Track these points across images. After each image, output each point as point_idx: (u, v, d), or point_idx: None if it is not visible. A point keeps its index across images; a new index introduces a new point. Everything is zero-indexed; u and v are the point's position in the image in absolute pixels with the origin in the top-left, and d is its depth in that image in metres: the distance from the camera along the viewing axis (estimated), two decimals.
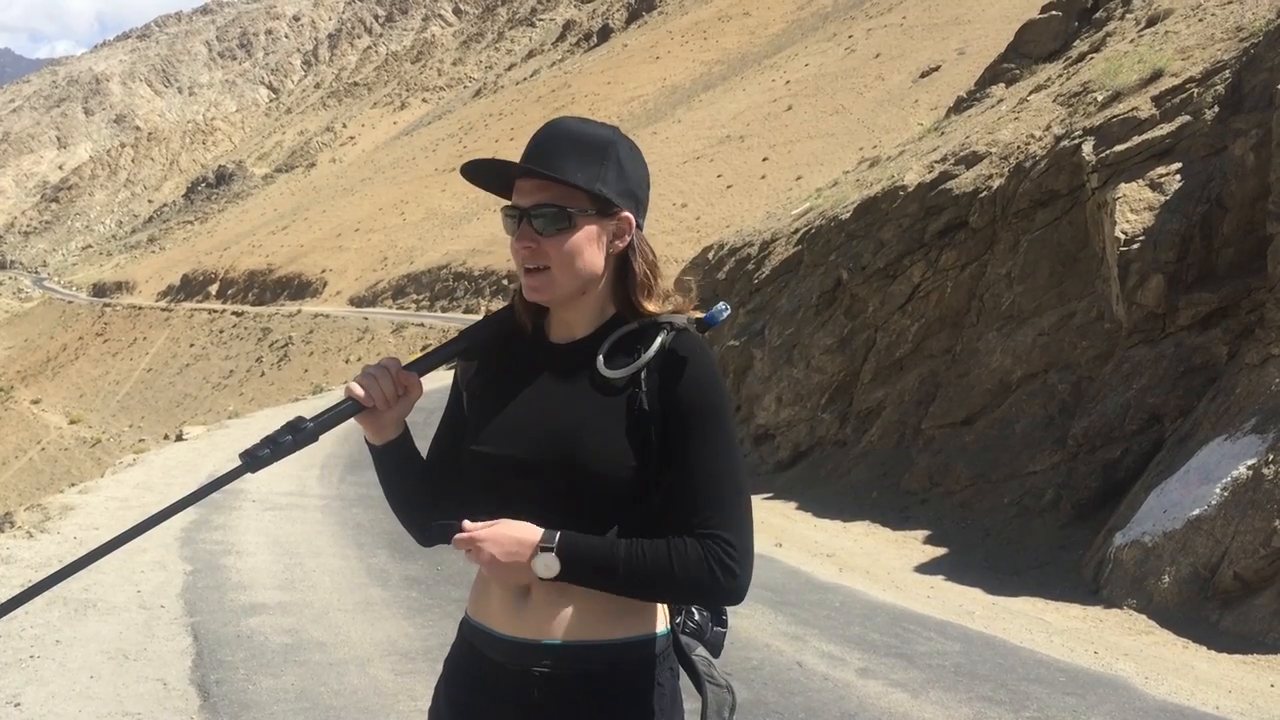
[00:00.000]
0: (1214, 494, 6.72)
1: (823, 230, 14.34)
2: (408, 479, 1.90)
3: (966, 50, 52.02)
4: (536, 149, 1.76)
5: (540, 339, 1.87)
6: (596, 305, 1.81)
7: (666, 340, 1.74)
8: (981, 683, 5.39)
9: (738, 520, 1.69)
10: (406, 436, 1.89)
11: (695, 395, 1.71)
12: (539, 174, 1.72)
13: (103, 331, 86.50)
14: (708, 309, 1.85)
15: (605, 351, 1.76)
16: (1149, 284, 8.50)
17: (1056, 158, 10.34)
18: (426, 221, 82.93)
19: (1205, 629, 6.32)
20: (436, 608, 6.65)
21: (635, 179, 1.80)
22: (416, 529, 1.94)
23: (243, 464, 1.70)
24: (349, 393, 1.80)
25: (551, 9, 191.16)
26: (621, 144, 1.79)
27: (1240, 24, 10.23)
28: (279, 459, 1.72)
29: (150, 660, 5.58)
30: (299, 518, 9.91)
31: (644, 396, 1.71)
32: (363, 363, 50.81)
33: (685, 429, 1.70)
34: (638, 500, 1.72)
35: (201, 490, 1.71)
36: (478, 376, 1.90)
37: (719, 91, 79.61)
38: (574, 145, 1.74)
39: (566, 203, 1.73)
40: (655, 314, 1.78)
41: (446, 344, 1.88)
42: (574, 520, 1.71)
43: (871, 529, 9.78)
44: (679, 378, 1.71)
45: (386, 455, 1.88)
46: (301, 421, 1.73)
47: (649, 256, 1.82)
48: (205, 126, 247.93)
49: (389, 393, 1.80)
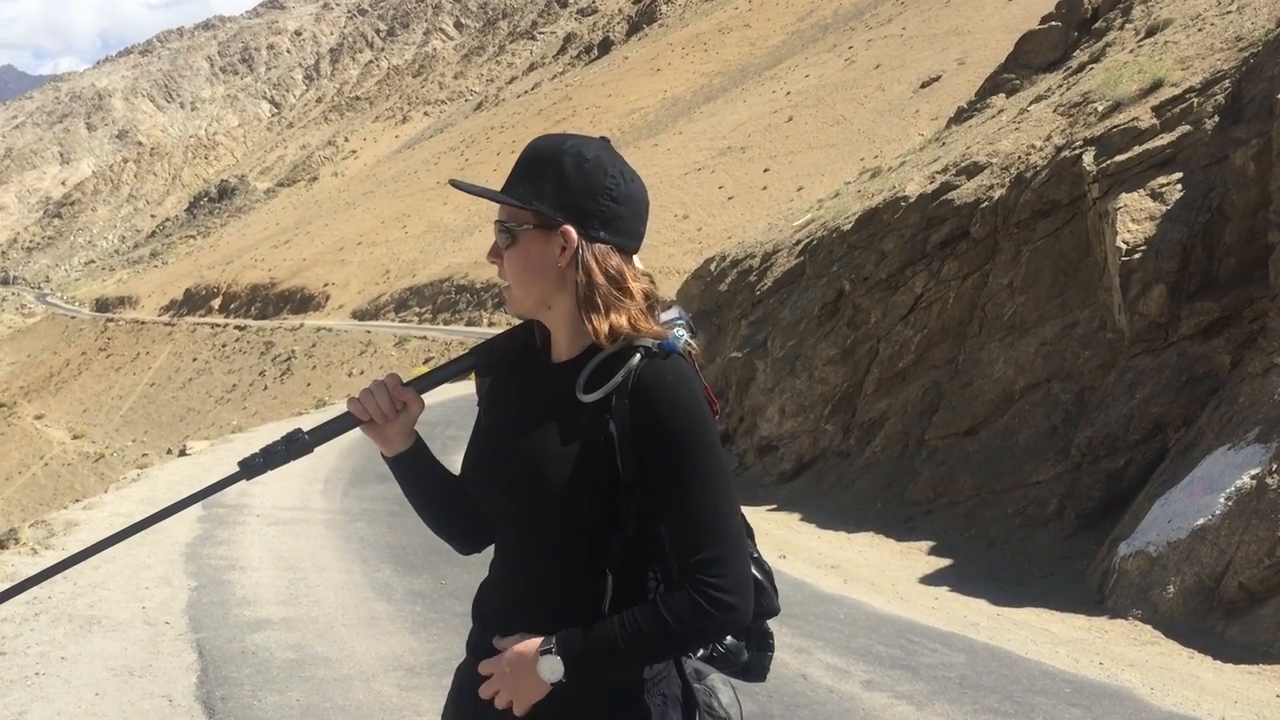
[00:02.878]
0: (1218, 503, 6.72)
1: (824, 241, 14.35)
2: (431, 489, 1.96)
3: (967, 60, 52.09)
4: (513, 168, 1.83)
5: (545, 356, 1.87)
6: (573, 322, 1.79)
7: (637, 366, 1.71)
8: (987, 694, 5.38)
9: (724, 551, 1.67)
10: (419, 448, 1.93)
11: (666, 424, 1.68)
12: (482, 194, 1.84)
13: (105, 346, 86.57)
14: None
15: (586, 375, 1.75)
16: (1151, 293, 8.51)
17: (1057, 168, 10.36)
18: (428, 234, 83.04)
19: (1211, 639, 6.31)
20: (441, 622, 6.65)
21: (579, 190, 1.73)
22: (453, 537, 2.00)
23: (239, 470, 1.78)
24: (347, 406, 1.88)
25: (552, 22, 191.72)
26: (568, 156, 1.75)
27: (1240, 33, 10.25)
28: (273, 467, 1.79)
29: (155, 677, 5.58)
30: (303, 532, 9.91)
31: (612, 422, 1.70)
32: (365, 376, 50.91)
33: (660, 460, 1.69)
34: (612, 526, 1.72)
35: (196, 495, 1.78)
36: (489, 394, 1.93)
37: (720, 103, 79.75)
38: (526, 162, 1.78)
39: (511, 218, 1.77)
40: (607, 336, 1.73)
41: (451, 362, 1.90)
42: (555, 545, 1.75)
43: (876, 540, 9.77)
44: (647, 406, 1.69)
45: (399, 467, 1.93)
46: (299, 433, 1.81)
47: (601, 268, 1.74)
48: (207, 141, 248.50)
49: (385, 407, 1.85)
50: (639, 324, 1.74)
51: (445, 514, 1.97)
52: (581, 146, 1.77)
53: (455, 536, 1.99)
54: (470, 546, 2.00)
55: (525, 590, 1.80)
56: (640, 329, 1.74)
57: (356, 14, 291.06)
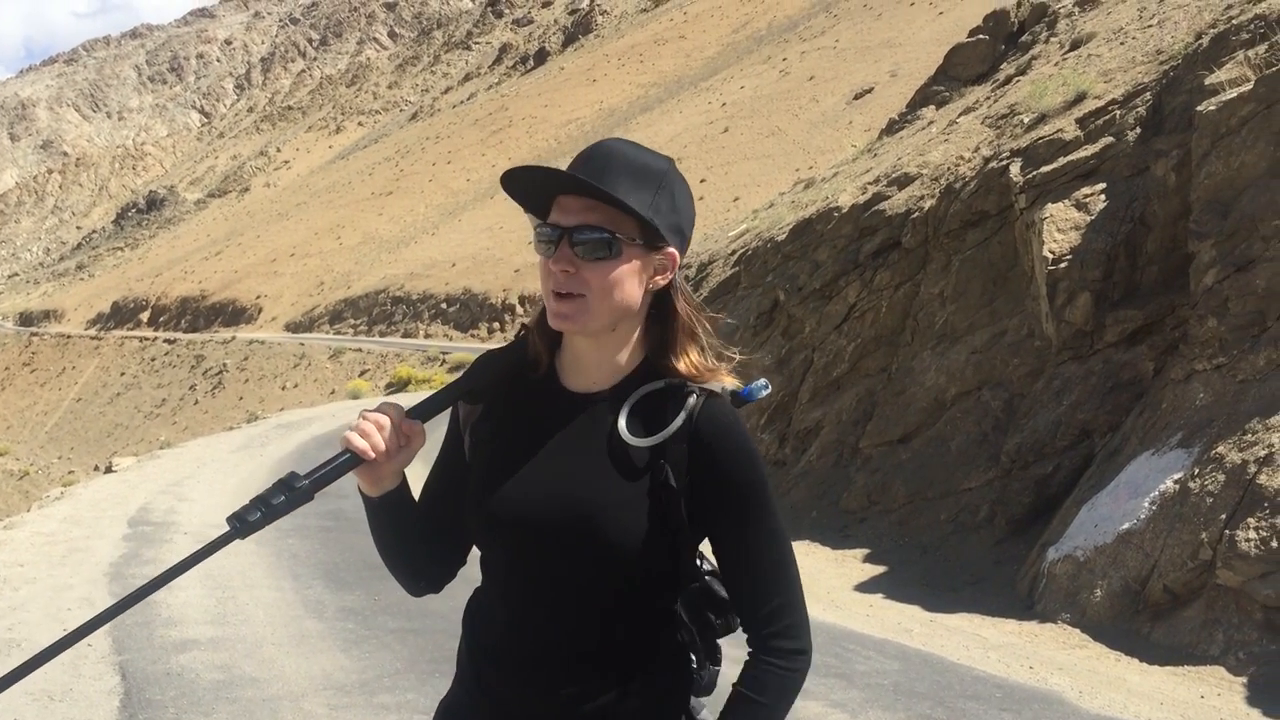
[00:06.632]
0: (1143, 508, 6.84)
1: (759, 251, 14.45)
2: (401, 529, 1.74)
3: (898, 73, 52.88)
4: (587, 164, 1.61)
5: (553, 383, 1.72)
6: (624, 348, 1.67)
7: (696, 408, 1.61)
8: (920, 700, 5.42)
9: (790, 592, 1.66)
10: (404, 487, 1.72)
11: (735, 473, 1.61)
12: (593, 189, 1.56)
13: (30, 361, 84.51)
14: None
15: (628, 412, 1.63)
16: (1077, 302, 8.66)
17: (985, 179, 10.52)
18: (363, 246, 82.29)
19: (1137, 641, 6.42)
20: (373, 638, 6.55)
21: (686, 216, 1.67)
22: (408, 577, 1.80)
23: (231, 530, 1.53)
24: (346, 443, 1.61)
25: (488, 32, 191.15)
26: (676, 176, 1.66)
27: (1160, 47, 10.49)
28: (271, 522, 1.55)
29: (76, 701, 5.43)
30: (232, 549, 9.71)
31: (670, 470, 1.59)
32: (299, 389, 50.25)
33: (725, 511, 1.62)
34: (656, 573, 1.64)
35: (190, 559, 1.51)
36: (484, 421, 1.74)
37: (656, 114, 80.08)
38: (628, 167, 1.60)
39: (615, 227, 1.58)
40: (686, 374, 1.64)
41: (448, 387, 1.72)
42: (587, 588, 1.62)
43: (811, 548, 9.82)
44: (712, 453, 1.60)
45: (383, 508, 1.70)
46: (295, 479, 1.56)
47: (692, 300, 1.68)
48: (135, 151, 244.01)
49: (390, 444, 1.63)
50: (715, 368, 1.68)
51: (423, 554, 1.77)
52: (676, 167, 1.69)
53: (422, 578, 1.80)
54: (433, 587, 1.81)
55: (563, 637, 1.65)
56: (715, 373, 1.67)
57: (288, 23, 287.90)
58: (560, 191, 1.62)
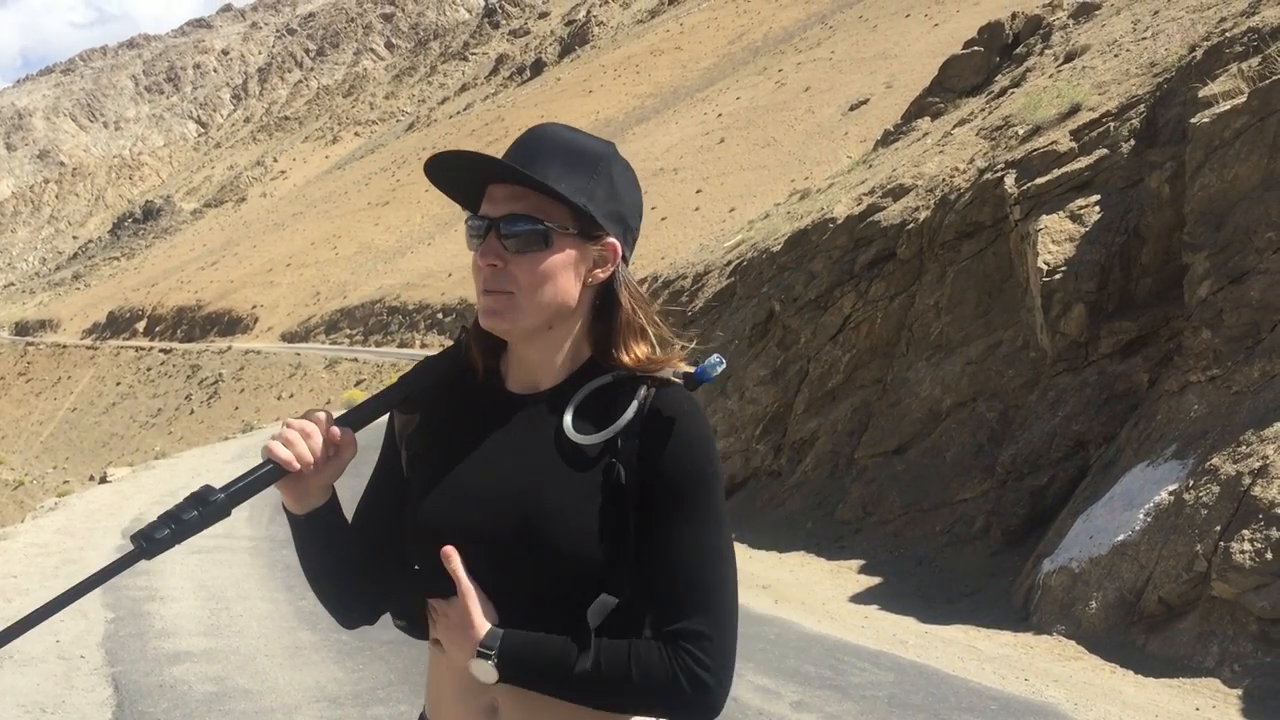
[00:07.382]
0: (1138, 519, 6.84)
1: (755, 262, 14.47)
2: (332, 551, 1.57)
3: (894, 84, 53.00)
4: (518, 149, 1.50)
5: (496, 386, 1.59)
6: (566, 347, 1.54)
7: (647, 398, 1.48)
8: (914, 713, 5.40)
9: (717, 617, 1.43)
10: (334, 504, 1.55)
11: (684, 463, 1.45)
12: (518, 174, 1.44)
13: (25, 371, 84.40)
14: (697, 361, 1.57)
15: (574, 409, 1.50)
16: (1071, 313, 8.67)
17: (980, 190, 10.55)
18: (359, 256, 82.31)
19: (1132, 653, 6.41)
20: (367, 650, 6.53)
21: (628, 203, 1.53)
22: (339, 607, 1.63)
23: (136, 549, 1.36)
24: (268, 453, 1.46)
25: (484, 43, 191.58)
26: (617, 161, 1.53)
27: (1154, 59, 10.53)
28: (182, 540, 1.40)
29: (68, 713, 5.40)
30: (226, 560, 9.69)
31: (621, 467, 1.45)
32: (296, 399, 50.21)
33: (667, 504, 1.45)
34: (609, 584, 1.44)
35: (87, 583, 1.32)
36: (420, 432, 1.59)
37: (652, 124, 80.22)
38: (560, 151, 1.48)
39: (545, 216, 1.45)
40: (634, 366, 1.51)
41: (382, 393, 1.57)
42: (533, 603, 1.46)
43: (807, 559, 9.81)
44: (664, 442, 1.45)
45: (309, 527, 1.54)
46: (210, 492, 1.42)
47: (633, 291, 1.54)
48: (132, 161, 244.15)
49: (317, 453, 1.47)
50: (664, 357, 1.54)
51: (355, 580, 1.59)
52: (617, 152, 1.55)
53: (355, 608, 1.63)
54: (367, 618, 1.64)
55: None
56: (665, 360, 1.53)
57: (285, 33, 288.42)
58: (489, 180, 1.51)
